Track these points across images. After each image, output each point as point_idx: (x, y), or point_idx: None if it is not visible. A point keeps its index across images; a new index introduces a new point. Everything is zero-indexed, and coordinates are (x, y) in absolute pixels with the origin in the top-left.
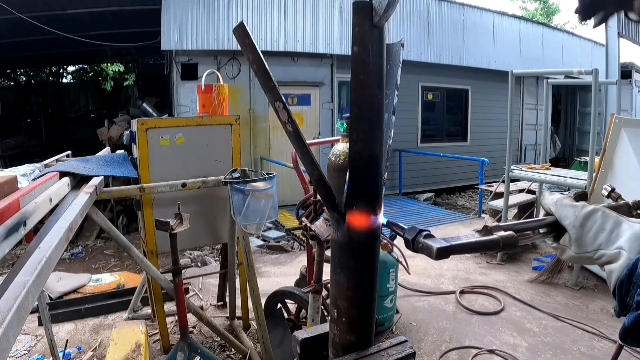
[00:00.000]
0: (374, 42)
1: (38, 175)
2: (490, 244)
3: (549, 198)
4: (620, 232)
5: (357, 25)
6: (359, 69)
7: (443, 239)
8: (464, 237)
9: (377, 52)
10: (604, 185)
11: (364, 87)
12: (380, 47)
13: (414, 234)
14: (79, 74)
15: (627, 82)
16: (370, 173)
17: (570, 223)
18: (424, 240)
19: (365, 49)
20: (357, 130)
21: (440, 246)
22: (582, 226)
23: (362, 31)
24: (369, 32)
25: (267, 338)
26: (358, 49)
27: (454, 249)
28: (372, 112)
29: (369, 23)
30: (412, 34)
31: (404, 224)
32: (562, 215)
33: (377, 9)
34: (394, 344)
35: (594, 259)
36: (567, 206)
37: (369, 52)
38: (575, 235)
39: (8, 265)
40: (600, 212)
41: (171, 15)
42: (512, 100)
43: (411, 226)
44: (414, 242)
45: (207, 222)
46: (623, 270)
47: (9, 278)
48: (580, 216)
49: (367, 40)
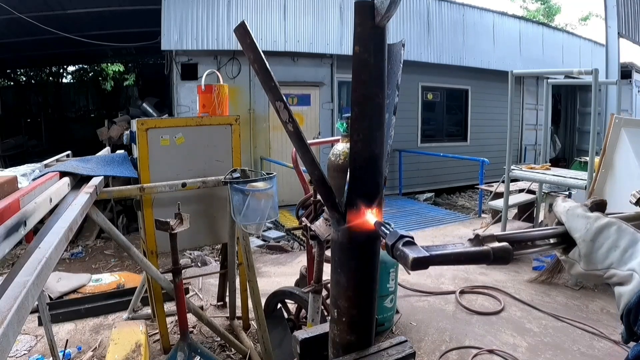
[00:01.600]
0: (375, 42)
1: (38, 175)
2: (478, 255)
3: (561, 205)
4: (635, 251)
5: (358, 25)
6: (360, 69)
7: (426, 247)
8: (450, 247)
9: (379, 52)
10: (603, 185)
11: (364, 87)
12: (382, 47)
13: (394, 239)
14: (79, 74)
15: (627, 82)
16: (370, 173)
17: (581, 236)
18: (402, 247)
19: (367, 48)
20: (358, 130)
21: (417, 256)
22: (593, 241)
23: (363, 31)
24: (371, 32)
25: (267, 338)
26: (359, 49)
27: (434, 259)
28: (373, 112)
29: (370, 23)
30: (412, 34)
31: (403, 224)
32: (572, 227)
33: (379, 9)
34: (394, 344)
35: (604, 278)
36: (579, 217)
37: (370, 52)
38: (585, 250)
39: (8, 265)
40: (616, 227)
41: (171, 15)
42: (512, 100)
43: (393, 231)
44: (392, 249)
45: (207, 222)
46: (633, 297)
47: (9, 278)
48: (593, 229)
49: (369, 40)
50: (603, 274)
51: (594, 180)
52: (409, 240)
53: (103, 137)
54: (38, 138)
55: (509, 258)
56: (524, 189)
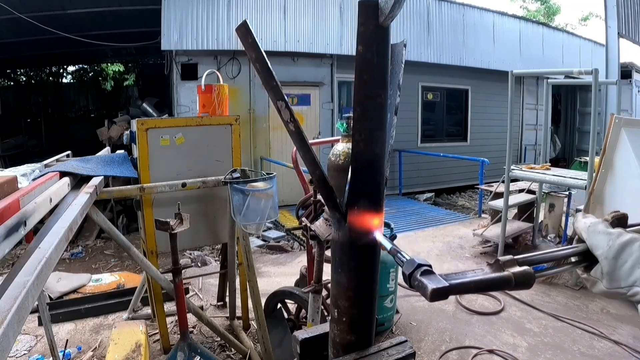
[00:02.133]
0: (378, 42)
1: (38, 175)
2: (499, 282)
3: (582, 222)
4: None
5: (362, 25)
6: (363, 69)
7: (445, 275)
8: (470, 274)
9: (382, 52)
10: (603, 185)
11: (367, 87)
12: (385, 47)
13: (411, 268)
14: (79, 74)
15: (627, 82)
16: (372, 173)
17: (603, 253)
18: (420, 277)
19: (370, 48)
20: (360, 130)
21: (437, 287)
22: (616, 258)
23: (366, 30)
24: (374, 31)
25: (267, 338)
26: (362, 49)
27: (454, 289)
28: (375, 112)
29: (374, 22)
30: (412, 34)
31: (403, 224)
32: (594, 244)
33: (383, 9)
34: (394, 344)
35: (628, 295)
36: (601, 233)
37: (373, 52)
38: (608, 268)
39: (8, 265)
40: (639, 243)
41: (171, 15)
42: (512, 100)
43: (410, 259)
44: (410, 278)
45: (207, 222)
46: None
47: (9, 278)
48: (615, 246)
49: (372, 40)
50: (627, 291)
51: (594, 180)
52: (427, 269)
53: (103, 137)
54: (38, 138)
55: (531, 283)
56: (524, 189)
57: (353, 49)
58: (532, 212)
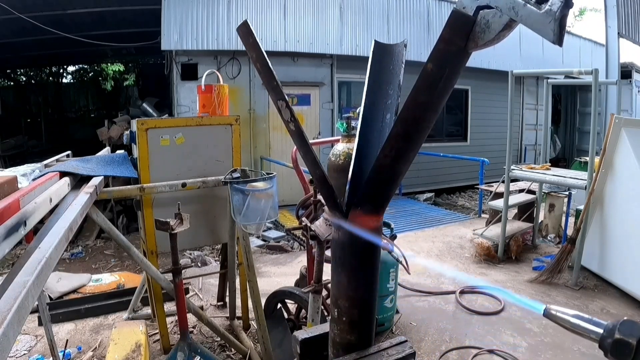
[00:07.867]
0: (453, 67)
1: (38, 175)
2: None
3: None
4: None
5: (444, 42)
6: (423, 90)
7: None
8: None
9: (451, 78)
10: (603, 185)
11: (419, 110)
12: (457, 74)
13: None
14: (79, 74)
15: (627, 82)
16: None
17: None
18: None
19: (442, 71)
20: (394, 147)
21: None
22: None
23: (447, 50)
24: (455, 54)
25: (267, 338)
26: (433, 68)
27: None
28: (416, 135)
29: (459, 45)
30: (412, 34)
31: (403, 224)
32: None
33: (477, 34)
34: (394, 344)
35: None
36: None
37: (443, 76)
38: None
39: (8, 265)
40: None
41: (171, 15)
42: (512, 100)
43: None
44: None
45: (207, 222)
46: None
47: (9, 278)
48: None
49: (448, 63)
50: None
51: (594, 180)
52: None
53: (103, 137)
54: (38, 138)
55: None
56: (524, 189)
57: (353, 49)
58: (532, 212)
